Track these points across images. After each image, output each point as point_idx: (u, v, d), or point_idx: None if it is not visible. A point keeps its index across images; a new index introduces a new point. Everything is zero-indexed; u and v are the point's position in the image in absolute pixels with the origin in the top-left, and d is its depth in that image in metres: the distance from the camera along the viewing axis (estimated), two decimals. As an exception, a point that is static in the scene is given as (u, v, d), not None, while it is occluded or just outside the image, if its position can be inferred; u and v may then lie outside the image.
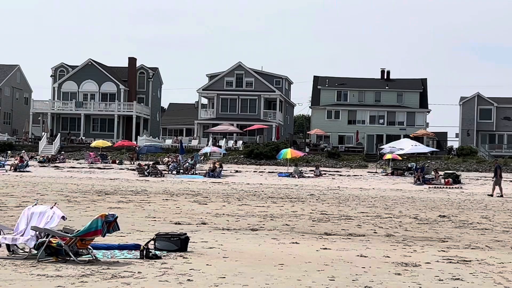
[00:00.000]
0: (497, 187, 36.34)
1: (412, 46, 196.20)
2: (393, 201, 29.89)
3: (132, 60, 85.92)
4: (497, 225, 20.28)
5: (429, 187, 42.60)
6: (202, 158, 61.32)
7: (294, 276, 10.24)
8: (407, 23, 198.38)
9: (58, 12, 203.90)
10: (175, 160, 54.85)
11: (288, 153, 55.54)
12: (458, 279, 10.45)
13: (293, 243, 14.57)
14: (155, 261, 11.33)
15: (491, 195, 35.75)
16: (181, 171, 50.91)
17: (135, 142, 73.05)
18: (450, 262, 12.26)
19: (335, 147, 74.90)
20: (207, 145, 68.84)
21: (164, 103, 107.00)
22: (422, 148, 55.65)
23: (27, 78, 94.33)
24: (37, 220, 11.74)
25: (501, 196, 35.50)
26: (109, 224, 11.40)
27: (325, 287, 9.54)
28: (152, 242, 12.51)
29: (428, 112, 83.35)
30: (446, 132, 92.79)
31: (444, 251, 13.91)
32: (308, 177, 50.30)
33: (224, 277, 10.00)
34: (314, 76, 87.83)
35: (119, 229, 11.83)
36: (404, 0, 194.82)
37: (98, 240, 12.07)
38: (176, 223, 18.22)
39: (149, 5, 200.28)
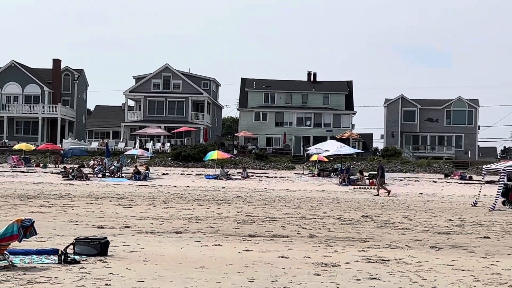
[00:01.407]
0: (382, 187, 37.30)
1: (338, 48, 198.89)
2: (318, 202, 30.19)
3: (56, 62, 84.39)
4: (418, 224, 20.69)
5: (354, 188, 43.20)
6: (128, 161, 60.73)
7: (214, 279, 10.23)
8: (333, 26, 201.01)
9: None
10: (100, 163, 54.16)
11: (215, 154, 55.71)
12: (375, 278, 10.61)
13: (216, 245, 14.55)
14: (73, 266, 11.14)
15: (377, 195, 36.50)
16: (107, 174, 50.30)
17: (60, 145, 71.75)
18: (369, 261, 12.44)
19: (263, 149, 75.31)
20: (134, 147, 68.24)
21: (90, 106, 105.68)
22: (347, 150, 56.43)
23: None
24: (-49, 226, 11.39)
25: (377, 195, 36.33)
26: (26, 229, 11.15)
27: (244, 289, 9.57)
28: (72, 246, 12.32)
29: (354, 114, 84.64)
30: (372, 134, 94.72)
31: (364, 251, 14.10)
32: (236, 179, 50.38)
33: (143, 281, 9.91)
34: (242, 78, 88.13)
35: (36, 234, 11.59)
36: (331, 3, 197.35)
37: (17, 245, 11.81)
38: (99, 227, 17.96)
39: (75, 6, 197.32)
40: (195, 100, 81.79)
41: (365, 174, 50.12)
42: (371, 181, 46.77)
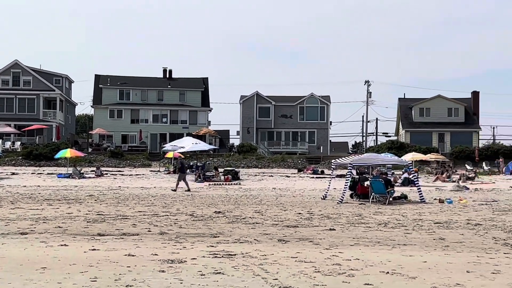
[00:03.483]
0: (181, 183, 37.56)
1: (193, 45, 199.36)
2: (172, 199, 30.11)
3: None
4: (268, 219, 21.08)
5: (209, 184, 43.45)
6: (-24, 160, 58.23)
7: (55, 279, 10.00)
8: (189, 22, 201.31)
9: None
10: None
11: (67, 152, 54.42)
12: (219, 273, 10.72)
13: (61, 245, 14.21)
14: None
15: (175, 190, 36.81)
16: (-48, 175, 48.00)
17: None
18: (216, 256, 12.55)
19: (118, 147, 74.34)
20: (-19, 147, 65.47)
21: None
22: (202, 146, 56.58)
23: None
24: None
25: (188, 190, 36.71)
26: None
27: (85, 289, 9.40)
28: None
29: (210, 110, 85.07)
30: (228, 130, 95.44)
31: (213, 246, 14.21)
32: (89, 177, 49.43)
33: (-21, 285, 9.55)
34: (96, 75, 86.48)
35: None
36: (187, 0, 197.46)
37: None
38: None
39: None
40: (47, 97, 79.44)
41: (220, 170, 50.57)
42: (226, 177, 47.25)
